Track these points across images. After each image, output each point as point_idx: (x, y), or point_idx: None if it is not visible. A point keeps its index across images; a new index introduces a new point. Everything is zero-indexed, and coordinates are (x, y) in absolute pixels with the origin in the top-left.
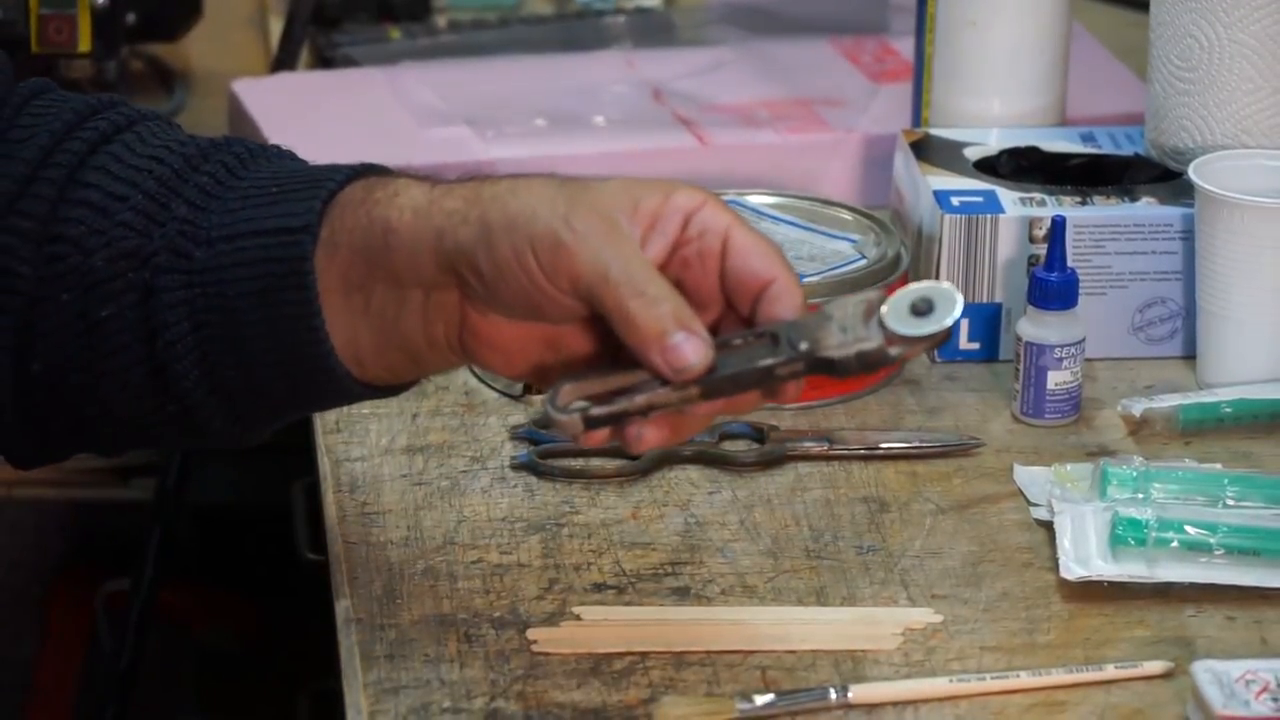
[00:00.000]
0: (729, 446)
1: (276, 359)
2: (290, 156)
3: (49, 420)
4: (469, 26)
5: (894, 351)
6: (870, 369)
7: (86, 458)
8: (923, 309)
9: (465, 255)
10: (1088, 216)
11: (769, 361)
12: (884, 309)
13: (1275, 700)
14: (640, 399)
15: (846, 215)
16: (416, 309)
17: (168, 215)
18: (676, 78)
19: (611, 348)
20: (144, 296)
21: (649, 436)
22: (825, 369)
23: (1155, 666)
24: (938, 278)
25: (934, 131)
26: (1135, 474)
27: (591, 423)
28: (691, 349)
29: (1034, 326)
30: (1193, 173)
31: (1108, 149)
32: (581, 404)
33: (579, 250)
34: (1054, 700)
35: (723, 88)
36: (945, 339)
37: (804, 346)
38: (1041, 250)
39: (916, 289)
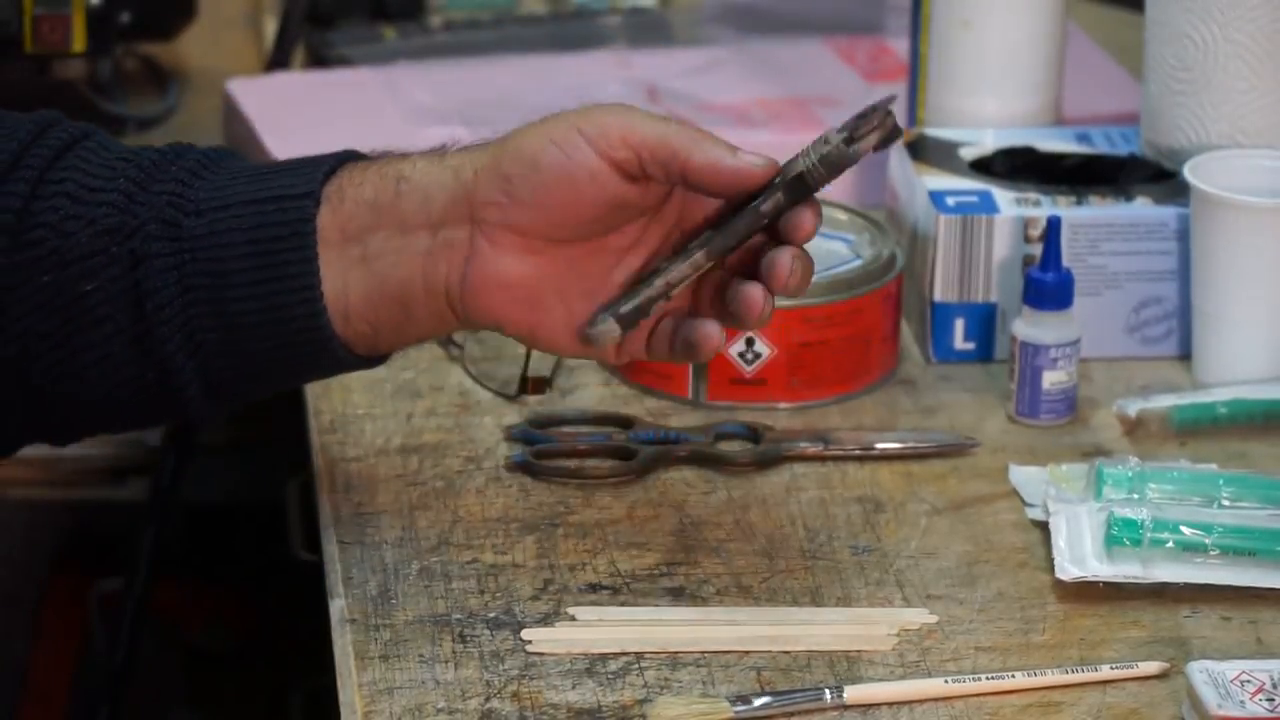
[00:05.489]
0: (724, 447)
1: (265, 319)
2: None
3: (11, 406)
4: (464, 26)
5: (850, 150)
6: (835, 170)
7: (80, 456)
8: (867, 114)
9: (488, 170)
10: (1083, 216)
11: (753, 203)
12: (834, 128)
13: (1270, 700)
14: (658, 281)
15: (842, 215)
16: (419, 252)
17: (150, 194)
18: (671, 77)
19: (615, 287)
20: (130, 267)
21: (713, 334)
22: (799, 186)
23: (1150, 667)
24: (933, 278)
25: (929, 131)
26: (1130, 474)
27: (625, 319)
28: (756, 154)
29: (1029, 327)
30: (1188, 172)
31: (1103, 149)
32: (608, 311)
33: (630, 112)
34: (1049, 701)
35: (718, 87)
36: (890, 130)
37: (777, 180)
38: (1037, 250)
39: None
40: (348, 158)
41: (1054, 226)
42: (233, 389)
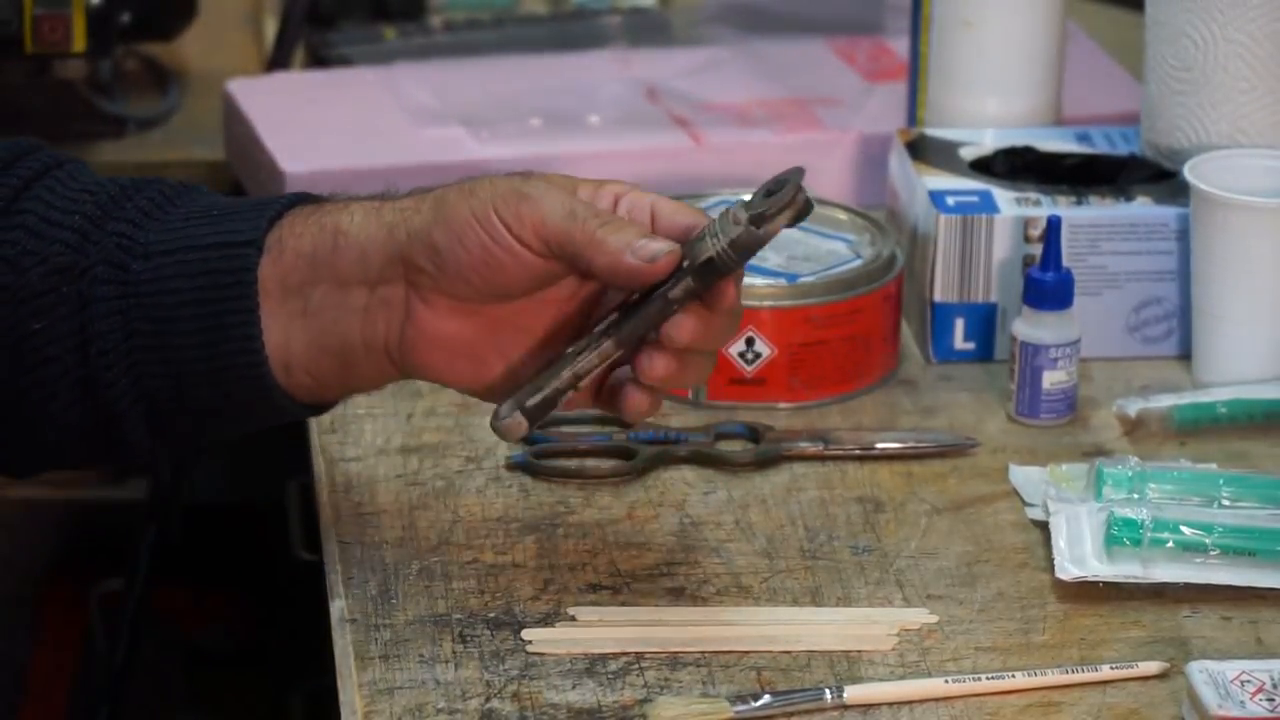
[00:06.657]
0: (724, 447)
1: (207, 368)
2: (219, 196)
3: None
4: (464, 26)
5: (760, 231)
6: (746, 254)
7: None
8: (775, 189)
9: (419, 236)
10: (1083, 216)
11: (661, 289)
12: (743, 202)
13: (1270, 700)
14: (566, 373)
15: (842, 215)
16: (357, 309)
17: (104, 233)
18: (671, 77)
19: (553, 337)
20: (78, 308)
21: (638, 400)
22: (709, 271)
23: (1150, 667)
24: (933, 278)
25: (929, 131)
26: (1130, 474)
27: (531, 413)
28: (657, 244)
29: (1029, 327)
30: (1188, 172)
31: (1103, 149)
32: (515, 403)
33: (543, 198)
34: (1049, 701)
35: (718, 87)
36: (801, 207)
37: (686, 264)
38: (1037, 250)
39: (768, 180)
40: (298, 200)
41: (1054, 226)
42: (178, 434)
